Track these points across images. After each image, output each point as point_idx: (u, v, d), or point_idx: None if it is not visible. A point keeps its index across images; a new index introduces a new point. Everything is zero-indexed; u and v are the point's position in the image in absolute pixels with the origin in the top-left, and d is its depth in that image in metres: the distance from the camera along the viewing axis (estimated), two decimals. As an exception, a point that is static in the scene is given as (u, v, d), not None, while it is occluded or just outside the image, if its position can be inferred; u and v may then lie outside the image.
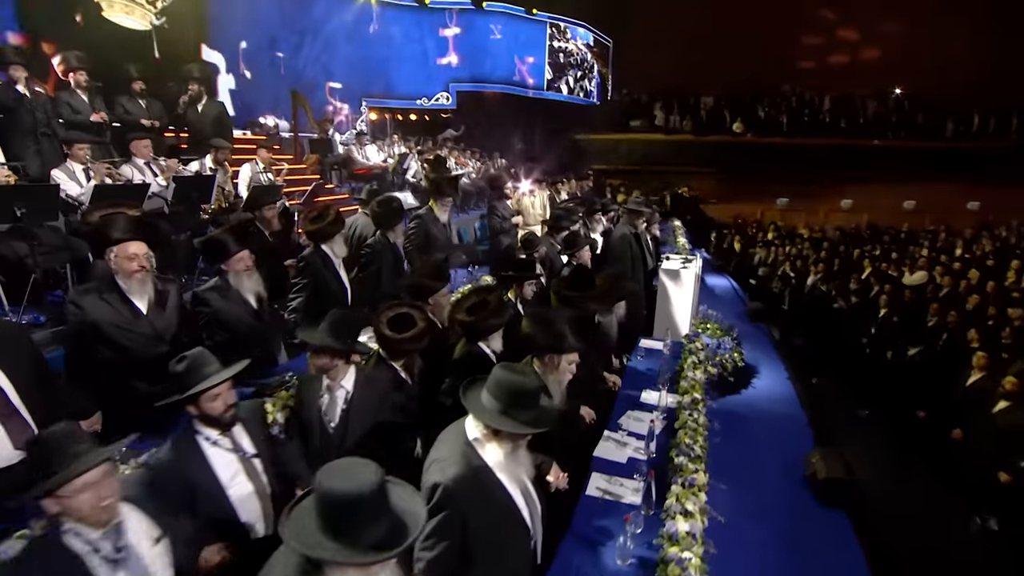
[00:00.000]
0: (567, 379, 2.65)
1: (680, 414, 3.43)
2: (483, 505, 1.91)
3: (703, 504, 2.63)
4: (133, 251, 2.78)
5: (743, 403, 5.24)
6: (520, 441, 1.97)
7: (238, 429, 2.14)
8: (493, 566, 1.97)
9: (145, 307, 2.87)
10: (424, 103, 15.19)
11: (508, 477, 1.98)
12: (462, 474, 1.89)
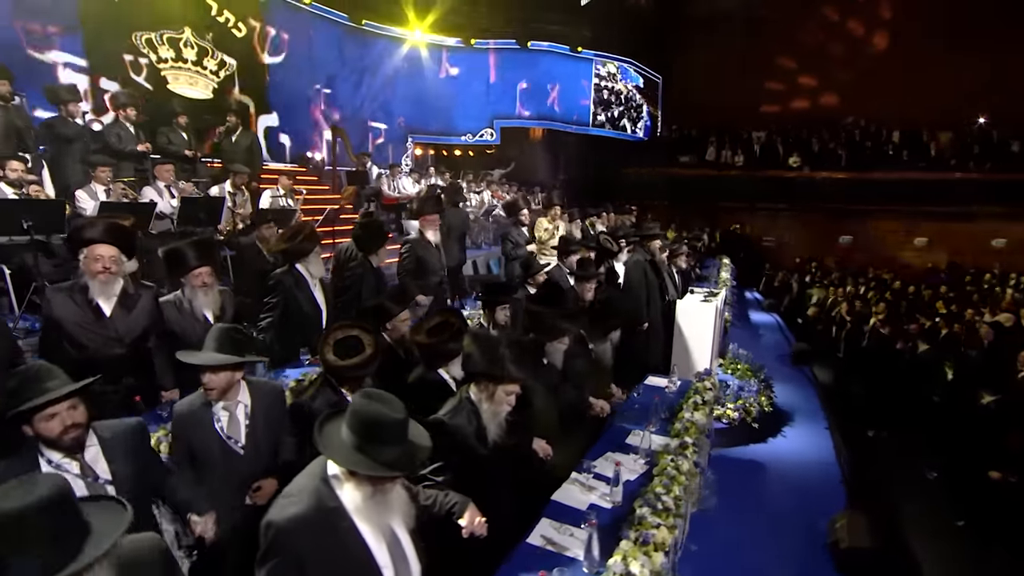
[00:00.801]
0: (504, 411, 2.32)
1: (661, 459, 2.98)
2: (328, 556, 1.57)
3: (657, 567, 2.19)
4: (100, 253, 2.81)
5: (767, 453, 4.68)
6: (386, 485, 1.64)
7: (93, 452, 1.89)
8: None
9: (109, 309, 2.88)
10: (469, 139, 15.51)
11: (370, 525, 1.64)
12: (304, 515, 1.57)
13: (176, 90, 8.45)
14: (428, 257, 5.26)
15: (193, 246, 3.18)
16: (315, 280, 3.92)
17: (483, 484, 2.32)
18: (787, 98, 17.04)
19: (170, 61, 8.47)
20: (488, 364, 2.28)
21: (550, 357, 2.93)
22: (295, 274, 3.83)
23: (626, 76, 16.89)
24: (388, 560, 1.68)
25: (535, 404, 2.81)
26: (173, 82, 8.45)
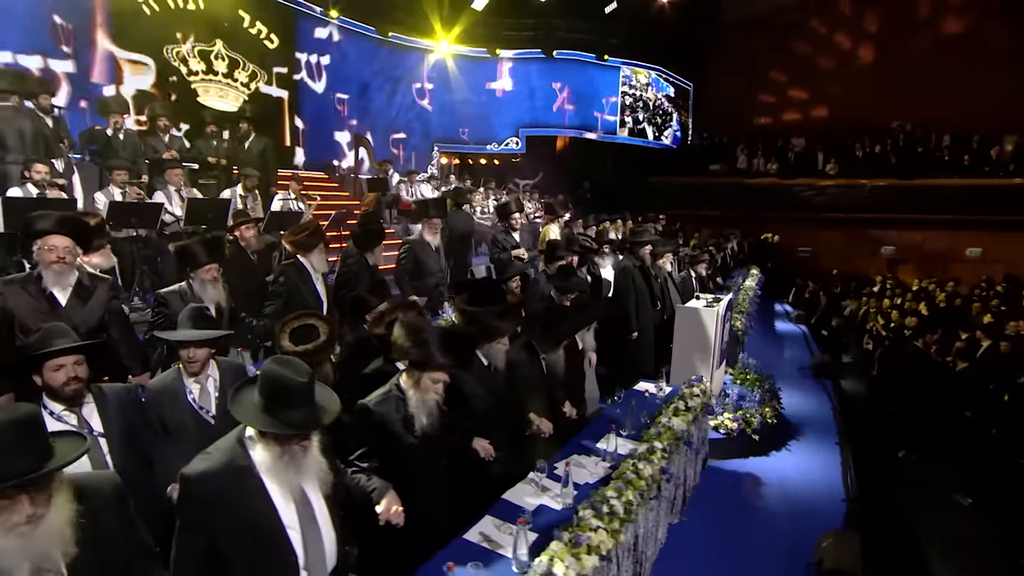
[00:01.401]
0: (431, 399, 2.28)
1: (624, 463, 2.86)
2: (234, 510, 1.62)
3: (587, 570, 2.09)
4: (53, 243, 2.86)
5: (767, 466, 4.45)
6: (294, 446, 1.65)
7: (89, 409, 2.12)
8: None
9: (64, 299, 2.94)
10: (494, 147, 15.61)
11: (279, 485, 1.67)
12: (214, 471, 1.63)
13: (206, 103, 8.87)
14: (426, 259, 5.30)
15: (204, 244, 3.32)
16: (318, 273, 4.04)
17: (413, 473, 2.29)
18: (824, 103, 16.39)
19: (200, 74, 8.93)
20: (414, 351, 2.25)
21: (491, 359, 2.85)
22: (299, 266, 3.97)
23: (657, 86, 16.71)
24: (295, 520, 1.70)
25: (475, 404, 2.75)
26: (203, 95, 8.88)
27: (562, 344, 3.28)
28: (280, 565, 1.66)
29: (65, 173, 5.71)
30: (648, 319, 5.30)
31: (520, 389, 3.05)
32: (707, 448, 4.41)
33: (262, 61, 10.28)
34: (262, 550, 1.65)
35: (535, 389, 3.09)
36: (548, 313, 3.45)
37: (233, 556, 1.63)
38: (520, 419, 2.96)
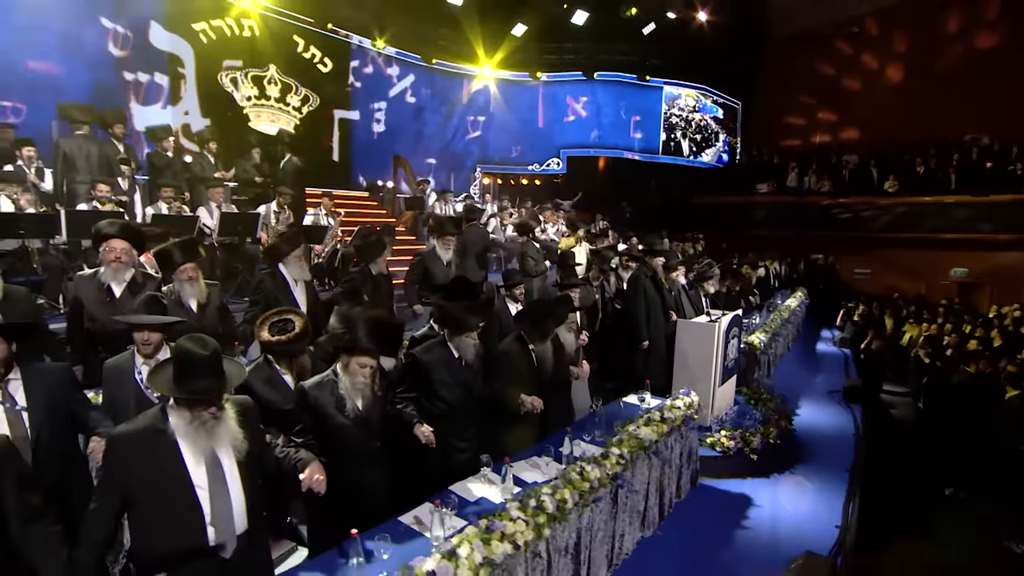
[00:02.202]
0: (360, 381, 2.46)
1: (572, 465, 2.90)
2: (149, 469, 1.85)
3: (496, 556, 2.17)
4: (113, 246, 3.45)
5: (763, 488, 4.32)
6: (204, 413, 1.88)
7: (15, 385, 2.28)
8: (164, 540, 1.85)
9: (119, 292, 3.49)
10: (535, 168, 15.91)
11: (191, 447, 1.89)
12: (134, 433, 1.88)
13: (257, 127, 9.66)
14: (436, 271, 5.53)
15: (179, 246, 3.67)
16: (296, 281, 4.29)
17: (346, 452, 2.47)
18: (880, 118, 15.54)
19: (252, 99, 9.75)
20: (347, 337, 2.44)
21: (461, 352, 2.99)
22: (277, 275, 4.23)
23: (704, 110, 16.56)
24: (205, 480, 1.91)
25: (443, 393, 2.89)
26: (255, 119, 9.68)
27: (548, 337, 3.39)
28: (188, 520, 1.87)
29: (128, 191, 6.45)
30: (659, 329, 5.26)
31: (512, 375, 3.20)
32: (697, 464, 4.30)
33: (315, 85, 11.09)
34: (172, 505, 1.86)
35: (525, 376, 3.22)
36: (537, 307, 3.59)
37: (148, 511, 1.86)
38: (503, 404, 3.10)
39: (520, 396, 3.16)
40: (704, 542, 3.62)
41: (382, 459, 2.59)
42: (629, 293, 5.30)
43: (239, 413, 2.03)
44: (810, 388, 7.18)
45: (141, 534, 1.90)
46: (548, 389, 3.47)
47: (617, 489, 3.15)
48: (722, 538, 3.66)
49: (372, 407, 2.53)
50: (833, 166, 15.80)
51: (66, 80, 7.63)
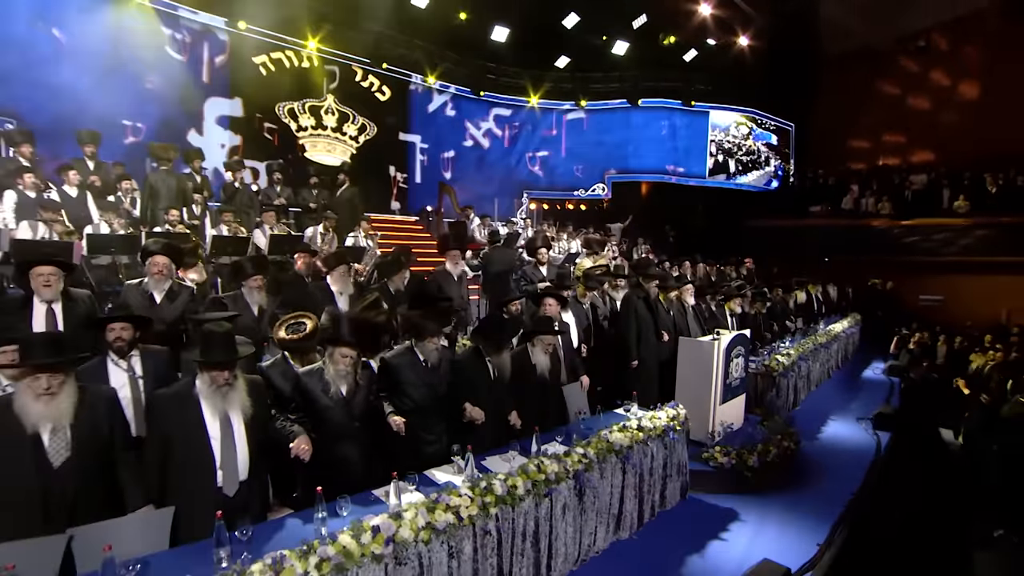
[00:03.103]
0: (342, 369, 2.94)
1: (533, 459, 3.20)
2: (178, 421, 2.45)
3: (436, 522, 2.53)
4: (156, 260, 4.16)
5: (754, 505, 4.35)
6: (220, 380, 2.44)
7: (136, 359, 3.06)
8: (183, 473, 2.46)
9: (159, 299, 4.17)
10: (581, 193, 16.27)
11: (209, 407, 2.47)
12: (169, 394, 2.53)
13: (313, 158, 10.67)
14: (447, 286, 6.01)
15: (251, 261, 4.43)
16: (340, 293, 4.90)
17: (329, 429, 2.94)
18: (946, 135, 14.71)
19: (309, 129, 10.76)
20: (331, 332, 2.91)
21: (425, 355, 3.38)
22: (323, 287, 4.88)
23: (758, 136, 16.41)
24: (218, 433, 2.48)
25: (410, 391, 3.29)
26: (311, 150, 10.69)
27: (503, 349, 3.70)
28: (203, 463, 2.45)
29: (200, 216, 7.45)
30: (650, 349, 5.43)
31: (463, 385, 3.54)
32: (686, 476, 4.41)
33: (373, 114, 12.07)
34: (192, 451, 2.44)
35: (475, 385, 3.55)
36: (489, 322, 3.93)
37: (177, 455, 2.44)
38: (456, 408, 3.43)
39: (465, 405, 3.43)
40: (679, 551, 3.73)
41: (361, 438, 3.03)
42: (621, 314, 5.49)
43: (250, 387, 2.60)
44: (842, 413, 6.96)
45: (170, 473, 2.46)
46: (526, 394, 3.78)
47: (583, 488, 3.39)
48: (697, 548, 3.76)
49: (354, 393, 2.99)
50: (896, 187, 15.07)
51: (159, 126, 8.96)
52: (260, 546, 2.22)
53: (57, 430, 2.28)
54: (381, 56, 12.16)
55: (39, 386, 2.23)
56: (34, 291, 3.43)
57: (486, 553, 2.78)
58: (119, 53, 8.50)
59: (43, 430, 2.25)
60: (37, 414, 2.23)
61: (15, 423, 2.21)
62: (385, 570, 2.35)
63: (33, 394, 2.23)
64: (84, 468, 2.33)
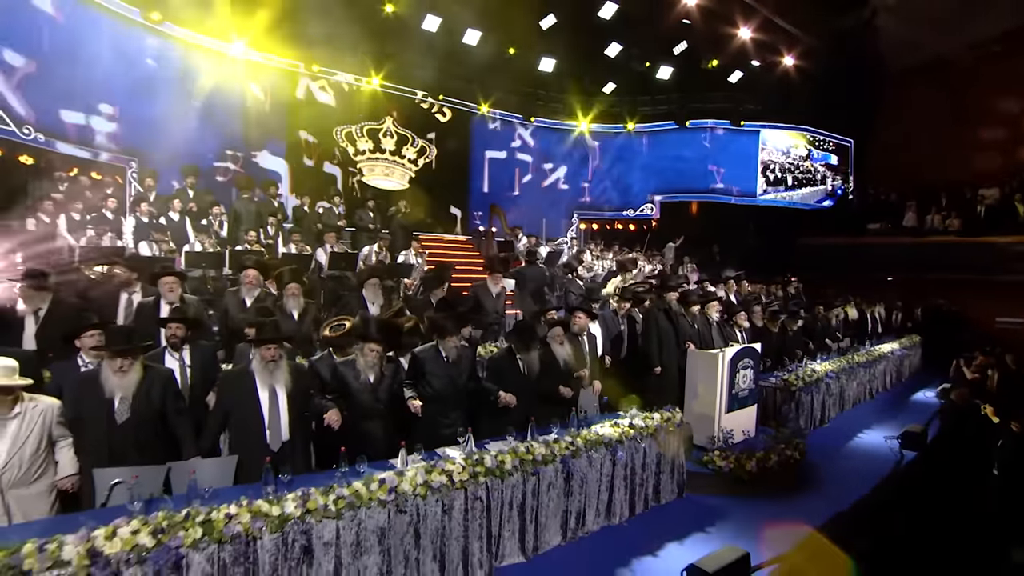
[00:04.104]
0: (370, 360, 3.67)
1: (524, 443, 3.75)
2: (236, 390, 3.28)
3: (432, 482, 3.14)
4: (248, 273, 5.20)
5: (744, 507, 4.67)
6: (265, 356, 3.24)
7: (186, 352, 3.88)
8: (241, 431, 3.30)
9: (250, 303, 5.16)
10: (630, 213, 16.63)
11: (261, 381, 3.28)
12: (233, 371, 3.45)
13: (370, 182, 11.77)
14: (485, 300, 6.70)
15: (288, 271, 5.33)
16: (372, 303, 5.72)
17: (358, 407, 3.67)
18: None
19: (367, 152, 11.81)
20: (361, 331, 3.65)
21: (446, 352, 4.04)
22: (359, 296, 5.72)
23: (816, 158, 16.22)
24: (267, 406, 3.25)
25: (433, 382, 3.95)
26: (368, 174, 11.77)
27: (531, 349, 4.33)
28: (254, 423, 3.23)
29: (273, 236, 8.62)
30: (672, 357, 5.82)
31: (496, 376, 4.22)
32: (683, 475, 4.76)
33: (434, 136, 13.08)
34: (247, 414, 3.23)
35: (506, 377, 4.22)
36: (521, 326, 4.58)
37: (233, 418, 3.24)
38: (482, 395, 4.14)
39: (499, 392, 4.10)
40: (665, 539, 4.10)
41: (384, 417, 3.74)
42: (643, 325, 5.92)
43: (292, 369, 3.40)
44: (874, 432, 6.95)
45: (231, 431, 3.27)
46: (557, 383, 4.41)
47: (570, 472, 3.90)
48: (681, 537, 4.11)
49: (380, 380, 3.73)
50: (966, 202, 14.31)
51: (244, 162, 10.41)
52: (296, 486, 2.92)
53: (124, 398, 3.10)
54: (438, 88, 13.24)
55: (115, 364, 3.07)
56: (162, 295, 4.52)
57: (475, 515, 3.36)
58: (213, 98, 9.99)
59: (115, 396, 3.09)
60: (112, 385, 3.08)
61: (98, 389, 3.06)
62: (388, 514, 3.00)
63: (111, 370, 3.07)
64: (138, 427, 3.13)
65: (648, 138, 16.23)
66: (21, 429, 2.78)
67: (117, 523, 2.35)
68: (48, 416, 2.89)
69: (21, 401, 2.82)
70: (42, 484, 2.86)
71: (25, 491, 2.79)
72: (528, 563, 3.66)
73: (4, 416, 2.75)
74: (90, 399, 3.07)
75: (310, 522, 2.75)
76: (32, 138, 7.81)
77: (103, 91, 8.78)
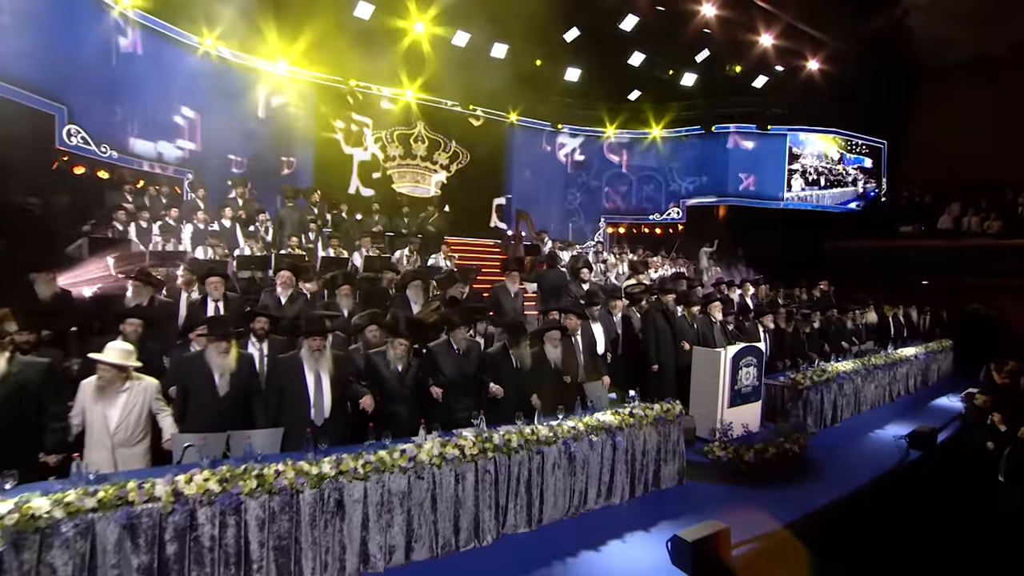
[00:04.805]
0: (399, 353, 4.24)
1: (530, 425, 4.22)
2: (289, 374, 3.89)
3: (447, 453, 3.65)
4: (283, 273, 5.85)
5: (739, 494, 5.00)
6: (312, 345, 3.82)
7: (264, 344, 4.54)
8: (290, 408, 3.89)
9: (284, 301, 5.83)
10: (656, 217, 16.86)
11: (308, 366, 3.89)
12: (285, 357, 4.00)
13: (400, 189, 12.46)
14: (504, 300, 7.20)
15: (342, 275, 6.00)
16: (414, 302, 6.27)
17: (388, 392, 4.23)
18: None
19: (397, 159, 12.48)
20: (391, 326, 4.21)
21: (457, 344, 4.55)
22: (403, 296, 6.29)
23: (848, 161, 16.12)
24: (313, 388, 3.86)
25: (445, 370, 4.46)
26: (399, 181, 12.46)
27: (520, 344, 4.80)
28: (301, 401, 3.84)
29: (313, 241, 9.36)
30: (668, 355, 6.19)
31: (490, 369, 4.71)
32: (683, 463, 5.12)
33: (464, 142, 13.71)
34: (295, 393, 3.83)
35: (499, 370, 4.71)
36: (510, 323, 5.06)
37: (287, 394, 3.85)
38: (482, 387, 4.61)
39: (489, 383, 4.61)
40: (660, 517, 4.48)
41: (408, 401, 4.29)
42: (641, 324, 6.30)
43: (335, 358, 4.00)
44: (888, 432, 7.09)
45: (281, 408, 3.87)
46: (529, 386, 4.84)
47: (573, 453, 4.34)
48: (676, 517, 4.48)
49: (406, 370, 4.29)
50: (1008, 203, 13.94)
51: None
52: (331, 454, 3.47)
53: (224, 375, 3.78)
54: (468, 99, 13.87)
55: (218, 348, 3.76)
56: (208, 292, 5.20)
57: (485, 486, 3.85)
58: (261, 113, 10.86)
59: (217, 374, 3.77)
60: (216, 364, 3.77)
61: (205, 367, 3.76)
62: (408, 480, 3.52)
63: (215, 352, 3.76)
64: (234, 399, 3.81)
65: (674, 143, 16.44)
66: (129, 400, 3.49)
67: (193, 471, 2.95)
68: (148, 392, 3.60)
69: (130, 379, 3.52)
70: (141, 447, 3.56)
71: (128, 451, 3.48)
72: (532, 533, 4.11)
73: (117, 389, 3.46)
74: (196, 375, 3.79)
75: (342, 482, 3.31)
76: (108, 155, 8.78)
77: (167, 111, 9.78)
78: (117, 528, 2.70)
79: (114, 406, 3.44)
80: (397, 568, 3.51)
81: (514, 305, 7.27)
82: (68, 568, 2.59)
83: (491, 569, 3.63)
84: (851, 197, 16.06)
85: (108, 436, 3.41)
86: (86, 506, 2.63)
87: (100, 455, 3.37)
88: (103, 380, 3.40)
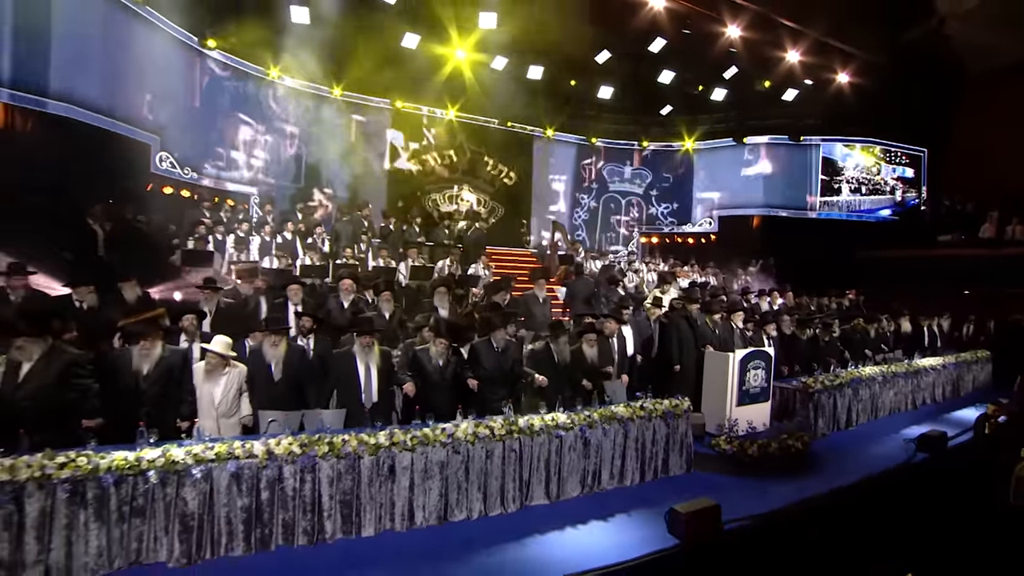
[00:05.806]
0: (440, 350, 5.03)
1: (552, 413, 4.92)
2: (342, 365, 4.71)
3: (480, 432, 4.40)
4: (344, 282, 6.78)
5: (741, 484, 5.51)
6: (363, 342, 4.65)
7: (312, 338, 5.41)
8: (345, 393, 4.73)
9: (346, 305, 6.71)
10: (689, 228, 17.23)
11: (360, 359, 4.72)
12: (342, 351, 4.83)
13: (441, 206, 13.45)
14: (533, 306, 7.94)
15: (383, 281, 6.87)
16: (438, 308, 7.09)
17: (430, 382, 5.02)
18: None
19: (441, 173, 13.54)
20: (435, 327, 5.01)
21: (496, 342, 5.30)
22: (434, 306, 7.12)
23: (887, 172, 16.11)
24: (363, 374, 4.70)
25: (485, 365, 5.22)
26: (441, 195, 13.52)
27: (560, 340, 5.54)
28: (354, 389, 4.68)
29: (365, 251, 10.37)
30: (690, 358, 6.77)
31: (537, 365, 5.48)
32: (690, 454, 5.68)
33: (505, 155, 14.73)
34: (348, 383, 4.66)
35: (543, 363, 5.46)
36: (552, 323, 5.81)
37: (341, 383, 4.70)
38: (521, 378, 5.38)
39: (534, 374, 5.32)
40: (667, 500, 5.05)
41: (448, 391, 5.05)
42: (666, 329, 6.89)
43: (382, 353, 4.81)
44: (901, 436, 7.36)
45: (338, 394, 4.70)
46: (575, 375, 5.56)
47: (588, 439, 5.00)
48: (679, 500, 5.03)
49: (447, 365, 5.08)
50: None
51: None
52: (386, 429, 4.27)
53: (277, 363, 4.66)
54: (506, 117, 14.76)
55: (271, 341, 4.66)
56: (288, 298, 6.19)
57: (510, 462, 4.57)
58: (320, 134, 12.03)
59: (272, 363, 4.66)
60: (270, 355, 4.67)
61: (261, 358, 4.65)
62: (447, 453, 4.29)
63: (269, 344, 4.66)
64: (287, 384, 4.68)
65: (706, 155, 16.81)
66: (228, 381, 4.44)
67: (280, 437, 3.81)
68: (240, 377, 4.54)
69: (228, 365, 4.46)
70: (235, 418, 4.51)
71: (227, 421, 4.42)
72: (551, 505, 4.79)
73: (220, 372, 4.41)
74: (256, 364, 4.67)
75: (394, 452, 4.10)
76: (189, 176, 10.07)
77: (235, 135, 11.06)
78: (227, 475, 3.58)
79: (218, 385, 4.39)
80: (436, 526, 4.27)
81: (543, 310, 8.00)
82: (196, 502, 3.48)
83: (515, 530, 4.33)
84: (886, 204, 15.97)
85: (213, 408, 4.36)
86: (207, 457, 3.52)
87: (208, 424, 4.30)
88: (210, 365, 4.34)
